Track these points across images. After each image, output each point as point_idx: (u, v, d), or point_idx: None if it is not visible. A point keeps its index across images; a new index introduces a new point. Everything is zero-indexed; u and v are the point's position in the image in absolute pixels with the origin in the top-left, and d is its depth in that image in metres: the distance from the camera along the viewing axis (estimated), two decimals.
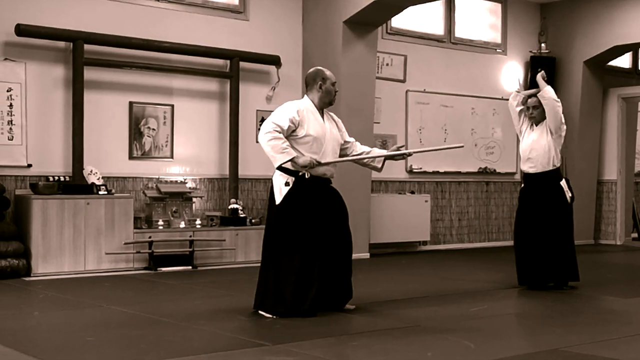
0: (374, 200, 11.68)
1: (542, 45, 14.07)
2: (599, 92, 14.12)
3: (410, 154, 7.26)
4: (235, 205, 10.51)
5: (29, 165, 9.39)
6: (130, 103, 10.16)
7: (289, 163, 6.45)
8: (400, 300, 7.51)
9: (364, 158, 7.01)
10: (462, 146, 7.90)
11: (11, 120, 9.28)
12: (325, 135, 6.63)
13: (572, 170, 13.91)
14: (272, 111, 10.94)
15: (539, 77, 8.27)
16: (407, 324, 6.20)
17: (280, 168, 6.55)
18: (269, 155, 6.49)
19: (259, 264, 6.68)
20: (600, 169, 14.36)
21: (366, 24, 11.07)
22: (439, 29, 13.12)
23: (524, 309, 7.05)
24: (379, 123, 11.87)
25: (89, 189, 9.37)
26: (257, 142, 10.98)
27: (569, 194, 8.21)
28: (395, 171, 12.08)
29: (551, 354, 5.22)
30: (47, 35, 9.45)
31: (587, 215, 14.15)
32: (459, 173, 13.23)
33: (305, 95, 6.78)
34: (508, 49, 13.93)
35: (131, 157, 10.19)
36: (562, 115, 8.20)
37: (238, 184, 10.75)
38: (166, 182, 10.26)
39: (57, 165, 9.61)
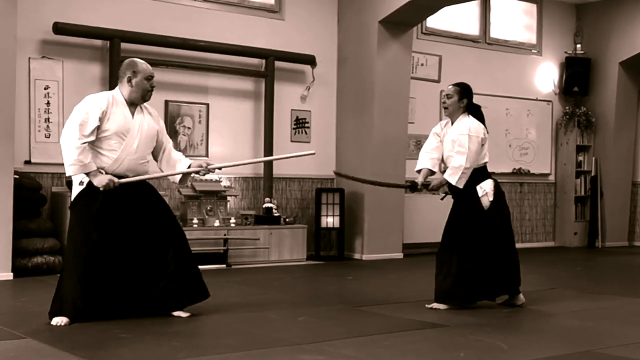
0: (408, 201, 11.66)
1: (578, 46, 13.98)
2: (634, 93, 14.02)
3: (212, 170, 6.52)
4: (270, 204, 10.56)
5: None
6: (166, 101, 10.23)
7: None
8: (432, 300, 7.51)
9: (167, 175, 6.59)
10: (313, 153, 6.90)
11: (48, 118, 9.38)
12: (130, 131, 6.15)
13: (606, 172, 13.83)
14: (307, 111, 11.31)
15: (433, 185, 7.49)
16: (440, 324, 6.21)
17: None
18: (64, 159, 5.98)
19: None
20: (635, 170, 14.24)
21: (401, 24, 11.07)
22: (474, 30, 13.10)
23: (556, 310, 7.02)
24: (413, 123, 11.85)
25: None
26: (291, 140, 11.17)
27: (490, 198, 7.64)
28: None
29: (584, 355, 5.22)
30: (84, 34, 9.54)
31: (621, 216, 14.06)
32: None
33: (117, 87, 6.36)
34: (543, 49, 13.87)
35: None
36: (474, 148, 7.55)
37: (272, 183, 10.79)
38: (201, 180, 10.28)
39: None
